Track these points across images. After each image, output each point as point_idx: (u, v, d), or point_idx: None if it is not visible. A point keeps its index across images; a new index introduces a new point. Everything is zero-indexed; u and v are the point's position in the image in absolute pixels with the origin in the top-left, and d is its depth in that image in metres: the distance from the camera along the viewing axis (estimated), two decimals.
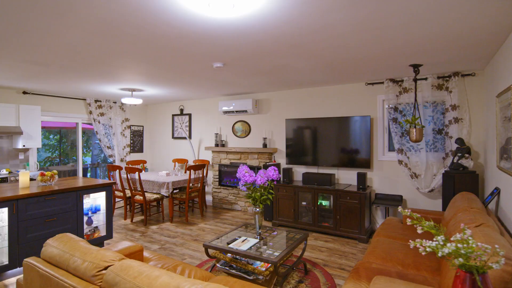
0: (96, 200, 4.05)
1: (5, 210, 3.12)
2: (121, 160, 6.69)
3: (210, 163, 6.27)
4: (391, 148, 4.47)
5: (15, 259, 3.10)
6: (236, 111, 5.70)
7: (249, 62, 3.41)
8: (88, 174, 7.20)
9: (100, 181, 4.00)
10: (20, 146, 5.00)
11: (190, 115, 6.66)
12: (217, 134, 6.10)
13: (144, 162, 6.30)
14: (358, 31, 2.45)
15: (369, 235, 4.19)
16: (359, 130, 4.46)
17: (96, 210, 4.01)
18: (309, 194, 4.51)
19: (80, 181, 3.97)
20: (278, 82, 4.61)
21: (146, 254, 2.56)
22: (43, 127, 5.87)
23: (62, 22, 2.26)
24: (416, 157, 4.14)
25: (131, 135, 7.09)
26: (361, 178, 4.19)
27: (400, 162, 4.21)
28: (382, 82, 4.44)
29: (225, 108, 5.83)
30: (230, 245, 2.77)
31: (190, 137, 6.64)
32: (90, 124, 6.41)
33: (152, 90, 5.31)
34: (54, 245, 1.84)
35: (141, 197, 4.96)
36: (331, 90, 4.91)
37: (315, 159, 4.86)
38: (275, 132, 5.50)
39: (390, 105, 4.30)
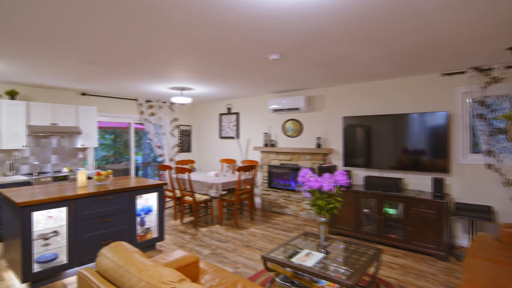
0: (148, 200, 3.99)
1: (64, 209, 3.14)
2: (170, 160, 6.72)
3: (259, 163, 6.00)
4: (475, 150, 3.79)
5: (74, 259, 3.10)
6: (287, 109, 5.35)
7: (309, 52, 3.04)
8: (140, 173, 7.38)
9: (152, 181, 3.93)
10: (79, 145, 5.19)
11: (237, 114, 6.47)
12: (266, 133, 5.82)
13: (193, 162, 6.25)
14: (456, 5, 1.96)
15: (448, 251, 3.57)
16: (432, 128, 3.85)
17: (148, 211, 3.95)
18: (372, 201, 4.00)
19: (133, 181, 3.93)
20: (336, 75, 4.17)
21: (201, 265, 2.34)
22: (99, 127, 6.08)
23: (115, 14, 2.11)
24: (511, 161, 3.43)
25: (180, 135, 7.12)
26: (438, 184, 3.59)
27: (488, 166, 3.52)
28: (463, 72, 3.77)
29: (275, 106, 5.52)
30: (293, 259, 2.43)
31: (238, 136, 6.45)
32: (142, 124, 6.53)
33: (201, 88, 5.18)
34: (109, 256, 1.66)
35: (191, 198, 4.85)
36: (397, 83, 4.33)
37: (377, 161, 4.32)
38: (330, 131, 5.05)
39: (474, 99, 3.63)
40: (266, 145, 5.79)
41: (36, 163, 4.92)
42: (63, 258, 3.13)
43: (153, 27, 2.36)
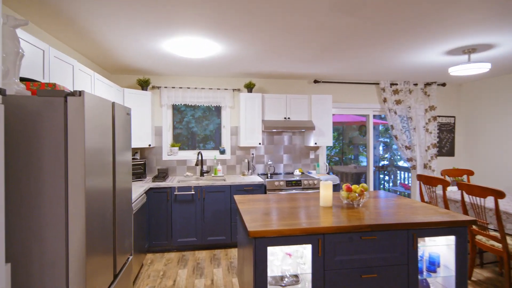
0: (430, 247, 2.24)
1: (308, 247, 1.97)
2: (425, 167, 4.64)
3: None
4: None
5: None
6: None
7: None
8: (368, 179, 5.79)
9: (447, 214, 2.13)
10: (311, 143, 4.24)
11: None
12: None
13: (471, 173, 3.87)
14: None
15: None
16: None
17: (432, 266, 2.19)
18: None
19: (403, 206, 2.30)
20: None
21: None
22: None
23: None
24: None
25: (437, 131, 4.86)
26: None
27: None
28: None
29: None
30: None
31: None
32: (381, 116, 4.88)
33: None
34: None
35: (499, 244, 2.63)
36: None
37: None
38: None
39: None
40: None
41: (270, 162, 4.40)
42: None
43: None
